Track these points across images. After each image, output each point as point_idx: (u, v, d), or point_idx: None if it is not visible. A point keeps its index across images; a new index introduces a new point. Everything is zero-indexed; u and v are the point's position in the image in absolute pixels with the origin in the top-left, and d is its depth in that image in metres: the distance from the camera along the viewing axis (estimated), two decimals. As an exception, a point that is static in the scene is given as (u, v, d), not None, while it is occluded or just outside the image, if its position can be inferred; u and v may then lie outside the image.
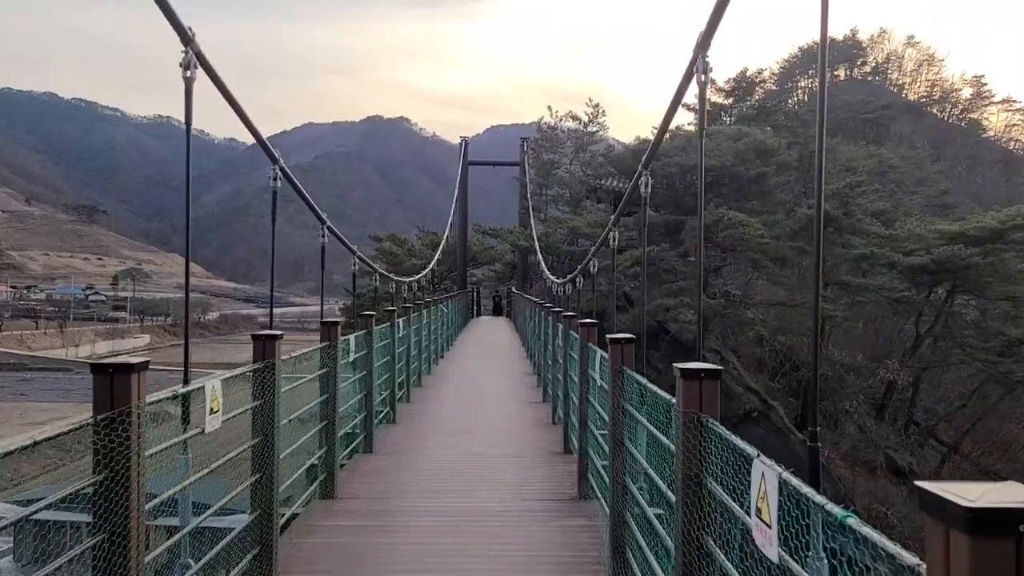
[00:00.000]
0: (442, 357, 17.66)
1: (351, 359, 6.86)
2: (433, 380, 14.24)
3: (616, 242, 7.33)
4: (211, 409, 3.89)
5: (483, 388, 13.25)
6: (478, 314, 38.44)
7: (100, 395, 3.05)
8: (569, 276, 11.90)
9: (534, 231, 27.81)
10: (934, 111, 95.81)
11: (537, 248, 24.32)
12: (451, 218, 33.60)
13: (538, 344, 13.76)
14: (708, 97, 27.53)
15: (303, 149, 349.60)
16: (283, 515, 5.18)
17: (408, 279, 16.22)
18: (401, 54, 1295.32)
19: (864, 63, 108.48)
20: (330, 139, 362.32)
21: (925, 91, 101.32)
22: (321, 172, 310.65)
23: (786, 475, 2.18)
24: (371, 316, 7.43)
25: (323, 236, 7.38)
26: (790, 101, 63.49)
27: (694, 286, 24.28)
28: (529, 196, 33.40)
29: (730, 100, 43.53)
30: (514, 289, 34.81)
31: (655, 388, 4.01)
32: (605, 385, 5.28)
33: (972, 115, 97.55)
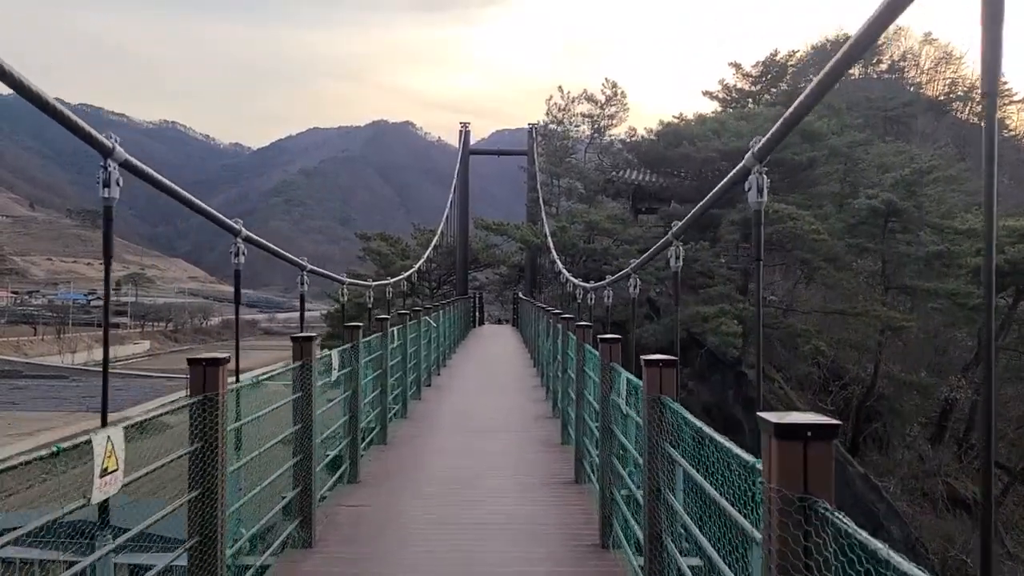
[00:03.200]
0: (428, 385, 13.76)
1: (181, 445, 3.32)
2: (407, 431, 10.01)
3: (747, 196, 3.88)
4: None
5: (477, 459, 8.45)
6: (481, 322, 34.79)
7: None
8: (614, 276, 8.03)
9: (546, 226, 23.86)
10: (955, 109, 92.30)
11: (551, 245, 20.50)
12: (447, 210, 29.69)
13: (561, 380, 9.44)
14: (732, 84, 23.65)
15: (308, 153, 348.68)
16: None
17: (375, 283, 11.95)
18: (404, 59, 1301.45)
19: (880, 61, 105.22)
20: (335, 143, 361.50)
21: (944, 89, 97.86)
22: (325, 176, 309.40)
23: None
24: (213, 363, 3.62)
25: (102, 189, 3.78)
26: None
27: (734, 291, 20.71)
28: (539, 187, 29.38)
29: (757, 87, 39.76)
30: (521, 295, 31.17)
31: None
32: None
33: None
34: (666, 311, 21.52)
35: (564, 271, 14.92)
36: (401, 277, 14.59)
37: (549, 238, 21.27)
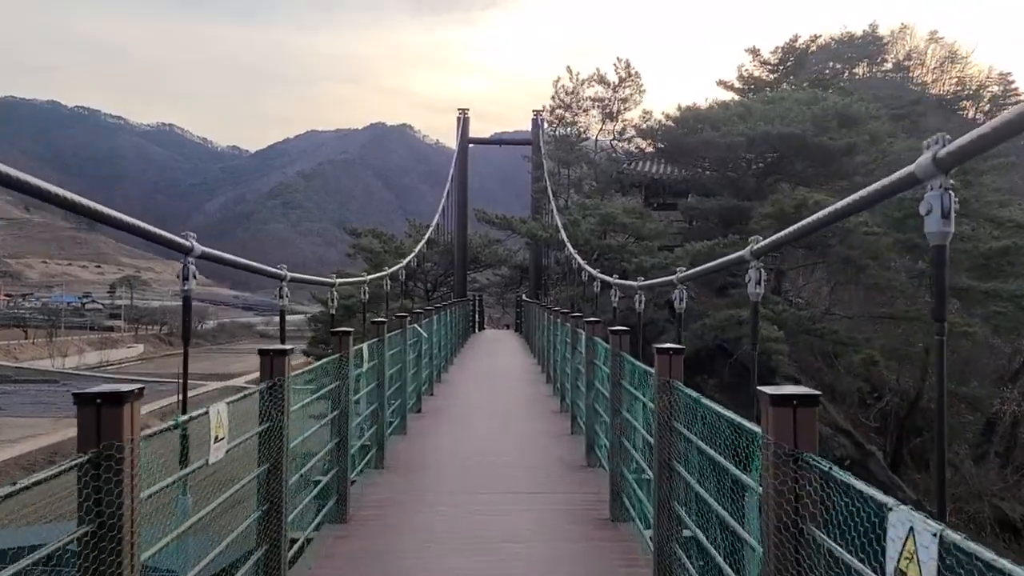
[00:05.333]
0: (418, 411, 11.24)
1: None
2: (381, 492, 7.10)
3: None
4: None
5: (488, 555, 5.45)
6: (481, 327, 32.37)
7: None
8: (697, 270, 5.66)
9: (557, 218, 21.37)
10: (963, 108, 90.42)
11: (564, 238, 18.11)
12: (444, 201, 27.22)
13: (611, 425, 6.59)
14: (750, 72, 22.01)
15: (306, 156, 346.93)
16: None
17: (339, 282, 9.04)
18: (404, 61, 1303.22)
19: (884, 60, 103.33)
20: (333, 146, 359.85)
21: (952, 88, 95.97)
22: (324, 179, 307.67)
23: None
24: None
25: None
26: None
27: (770, 292, 18.43)
28: (547, 176, 26.86)
29: (776, 75, 37.40)
30: (525, 297, 28.82)
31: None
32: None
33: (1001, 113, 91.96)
34: (689, 315, 19.28)
35: (587, 267, 12.57)
36: (382, 274, 11.65)
37: (562, 231, 18.83)
